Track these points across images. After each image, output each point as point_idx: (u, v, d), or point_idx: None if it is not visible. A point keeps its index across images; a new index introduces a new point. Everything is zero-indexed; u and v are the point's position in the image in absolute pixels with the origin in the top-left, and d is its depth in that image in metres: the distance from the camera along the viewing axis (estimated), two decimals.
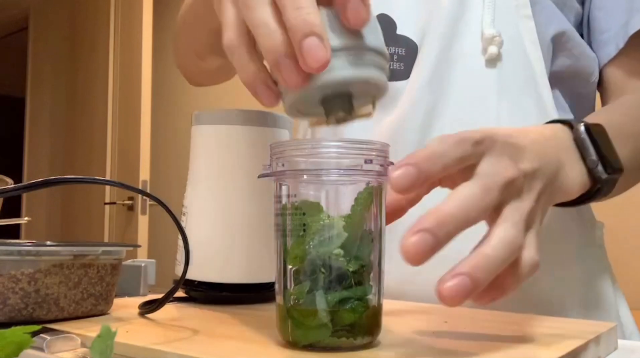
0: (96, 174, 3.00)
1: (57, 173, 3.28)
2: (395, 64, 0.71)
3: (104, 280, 0.53)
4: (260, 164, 0.63)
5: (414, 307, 0.60)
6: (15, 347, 0.33)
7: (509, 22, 0.66)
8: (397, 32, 0.65)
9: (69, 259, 0.50)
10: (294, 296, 0.40)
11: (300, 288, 0.39)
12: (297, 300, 0.40)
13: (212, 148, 0.62)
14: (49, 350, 0.42)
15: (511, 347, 0.42)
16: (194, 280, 0.61)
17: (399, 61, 0.71)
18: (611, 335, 0.48)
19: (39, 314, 0.49)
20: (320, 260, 0.38)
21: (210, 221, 0.61)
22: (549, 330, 0.48)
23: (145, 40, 2.86)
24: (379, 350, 0.41)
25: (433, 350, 0.41)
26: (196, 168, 0.63)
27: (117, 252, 0.54)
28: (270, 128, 0.62)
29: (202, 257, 0.60)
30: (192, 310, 0.57)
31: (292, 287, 0.40)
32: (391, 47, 0.71)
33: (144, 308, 0.54)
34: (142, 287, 0.66)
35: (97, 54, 3.26)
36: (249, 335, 0.46)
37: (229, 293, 0.60)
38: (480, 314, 0.56)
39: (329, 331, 0.39)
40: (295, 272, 0.40)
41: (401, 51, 0.71)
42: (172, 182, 3.24)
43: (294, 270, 0.40)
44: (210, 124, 0.62)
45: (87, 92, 3.39)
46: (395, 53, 0.71)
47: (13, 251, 0.48)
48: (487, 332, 0.48)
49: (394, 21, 0.71)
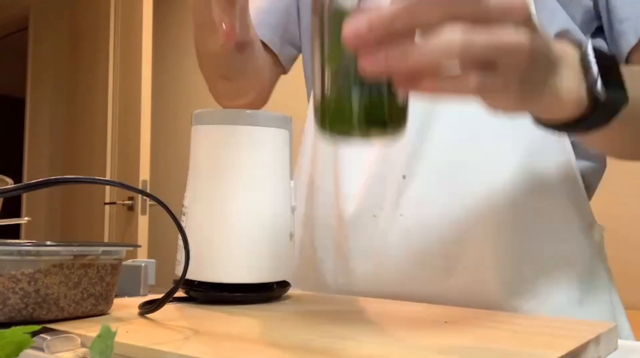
0: (96, 174, 2.99)
1: (57, 173, 3.28)
2: None
3: (104, 280, 0.53)
4: (260, 164, 0.63)
5: (414, 307, 0.60)
6: (15, 347, 0.33)
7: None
8: None
9: (69, 259, 0.50)
10: (332, 90, 0.42)
11: (336, 81, 0.41)
12: (334, 92, 0.41)
13: (212, 148, 0.62)
14: (49, 350, 0.42)
15: (511, 347, 0.42)
16: (194, 280, 0.61)
17: None
18: (611, 335, 0.48)
19: (39, 314, 0.49)
20: (355, 57, 0.39)
21: (210, 221, 0.61)
22: (549, 330, 0.48)
23: (145, 41, 2.86)
24: (379, 350, 0.41)
25: (433, 350, 0.41)
26: (196, 168, 0.63)
27: (117, 252, 0.54)
28: (270, 128, 0.62)
29: (202, 257, 0.60)
30: (192, 310, 0.57)
31: (329, 82, 0.42)
32: None
33: (144, 308, 0.54)
34: (142, 287, 0.66)
35: (97, 54, 3.26)
36: (249, 335, 0.46)
37: (229, 293, 0.60)
38: (480, 314, 0.56)
39: (362, 121, 0.41)
40: (331, 68, 0.42)
41: None
42: (172, 182, 3.24)
43: (332, 67, 0.42)
44: (210, 124, 0.62)
45: (87, 92, 3.39)
46: None
47: (13, 251, 0.48)
48: (487, 332, 0.48)
49: None
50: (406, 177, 0.68)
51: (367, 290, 0.69)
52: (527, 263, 0.64)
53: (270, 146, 0.62)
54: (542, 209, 0.65)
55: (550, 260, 0.65)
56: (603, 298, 0.67)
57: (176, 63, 3.56)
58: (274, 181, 0.62)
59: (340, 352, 0.40)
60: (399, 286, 0.68)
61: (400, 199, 0.68)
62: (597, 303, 0.66)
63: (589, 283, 0.66)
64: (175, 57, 3.56)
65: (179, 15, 3.59)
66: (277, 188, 0.63)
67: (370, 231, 0.70)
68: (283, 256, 0.62)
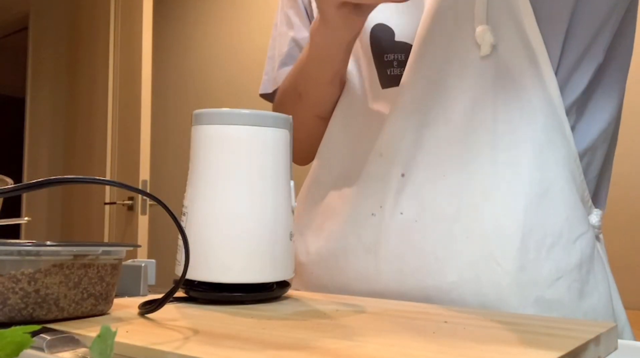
0: (96, 174, 3.00)
1: (57, 173, 3.28)
2: (395, 70, 0.71)
3: (104, 280, 0.53)
4: (260, 164, 0.63)
5: (414, 307, 0.60)
6: (15, 347, 0.33)
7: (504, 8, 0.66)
8: (396, 39, 0.65)
9: (69, 259, 0.50)
10: None
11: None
12: None
13: (212, 148, 0.62)
14: (49, 350, 0.42)
15: (511, 347, 0.42)
16: (194, 280, 0.61)
17: (399, 67, 0.71)
18: (611, 335, 0.48)
19: (39, 314, 0.49)
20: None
21: (210, 221, 0.61)
22: (549, 330, 0.48)
23: (145, 40, 2.86)
24: (379, 350, 0.41)
25: (433, 350, 0.41)
26: (196, 168, 0.63)
27: (117, 252, 0.54)
28: (270, 128, 0.62)
29: (203, 257, 0.60)
30: (192, 310, 0.57)
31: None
32: (390, 55, 0.71)
33: (144, 308, 0.54)
34: (142, 287, 0.66)
35: (97, 54, 3.26)
36: (248, 335, 0.46)
37: (229, 293, 0.60)
38: (480, 314, 0.56)
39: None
40: None
41: (401, 56, 0.71)
42: (172, 182, 3.24)
43: None
44: (210, 124, 0.62)
45: (87, 92, 3.39)
46: (395, 59, 0.71)
47: (13, 251, 0.48)
48: (487, 332, 0.48)
49: (392, 29, 0.72)
50: (405, 175, 0.68)
51: (366, 289, 0.69)
52: (527, 260, 0.64)
53: (270, 146, 0.62)
54: (549, 211, 0.65)
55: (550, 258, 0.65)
56: (601, 287, 0.67)
57: (176, 63, 3.56)
58: (274, 181, 0.62)
59: (340, 352, 0.40)
60: (398, 286, 0.68)
61: (400, 198, 0.68)
62: (597, 293, 0.66)
63: (585, 268, 0.66)
64: (176, 57, 3.56)
65: (179, 15, 3.60)
66: (277, 188, 0.63)
67: (369, 230, 0.69)
68: (283, 256, 0.62)
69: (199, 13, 3.49)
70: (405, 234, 0.67)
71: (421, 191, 0.67)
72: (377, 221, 0.69)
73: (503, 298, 0.63)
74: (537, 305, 0.63)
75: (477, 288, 0.64)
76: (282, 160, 0.63)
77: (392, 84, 0.72)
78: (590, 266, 0.66)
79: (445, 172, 0.66)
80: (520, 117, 0.65)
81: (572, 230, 0.65)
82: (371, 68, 0.73)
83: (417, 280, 0.67)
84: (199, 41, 3.48)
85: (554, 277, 0.64)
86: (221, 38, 3.33)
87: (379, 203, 0.69)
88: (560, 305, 0.64)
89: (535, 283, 0.64)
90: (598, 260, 0.68)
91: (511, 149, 0.65)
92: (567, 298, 0.64)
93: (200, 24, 3.48)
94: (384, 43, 0.71)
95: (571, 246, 0.65)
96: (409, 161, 0.68)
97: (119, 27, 3.11)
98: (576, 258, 0.65)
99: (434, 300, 0.65)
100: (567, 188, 0.66)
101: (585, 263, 0.65)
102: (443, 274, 0.65)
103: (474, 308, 0.63)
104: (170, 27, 3.60)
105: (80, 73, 3.50)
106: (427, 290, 0.66)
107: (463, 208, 0.65)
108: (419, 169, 0.67)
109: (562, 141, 0.66)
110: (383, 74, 0.72)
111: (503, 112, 0.66)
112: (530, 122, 0.65)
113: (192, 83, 3.46)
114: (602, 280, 0.67)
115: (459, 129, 0.66)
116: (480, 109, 0.66)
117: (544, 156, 0.65)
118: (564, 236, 0.65)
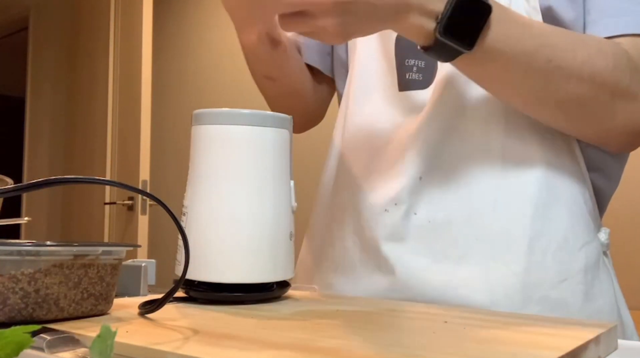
0: (96, 174, 3.00)
1: (57, 173, 3.28)
2: (414, 75, 0.72)
3: (104, 280, 0.53)
4: (260, 164, 0.63)
5: (414, 307, 0.60)
6: (15, 346, 0.33)
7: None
8: (419, 47, 0.66)
9: (69, 259, 0.50)
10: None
11: None
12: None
13: (212, 148, 0.62)
14: (49, 350, 0.42)
15: (511, 347, 0.42)
16: (194, 280, 0.61)
17: (418, 72, 0.73)
18: (611, 335, 0.48)
19: (39, 314, 0.49)
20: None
21: (210, 221, 0.61)
22: (549, 330, 0.48)
23: (145, 40, 2.86)
24: (379, 350, 0.41)
25: (433, 350, 0.41)
26: (196, 168, 0.63)
27: (117, 252, 0.54)
28: (270, 128, 0.62)
29: (202, 257, 0.60)
30: (192, 310, 0.57)
31: None
32: (411, 60, 0.73)
33: (144, 308, 0.54)
34: (142, 287, 0.66)
35: (97, 54, 3.26)
36: (248, 335, 0.46)
37: (229, 293, 0.60)
38: (480, 314, 0.56)
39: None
40: None
41: (421, 63, 0.72)
42: (172, 182, 3.24)
43: None
44: (210, 124, 0.62)
45: (87, 92, 3.39)
46: (415, 65, 0.73)
47: (13, 251, 0.48)
48: (487, 332, 0.48)
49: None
50: (422, 178, 0.69)
51: (375, 283, 0.70)
52: (533, 262, 0.65)
53: (270, 146, 0.62)
54: (554, 218, 0.67)
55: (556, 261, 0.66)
56: (607, 295, 0.68)
57: (176, 63, 3.56)
58: (274, 181, 0.62)
59: (340, 352, 0.40)
60: (398, 286, 0.68)
61: (415, 199, 0.69)
62: (601, 299, 0.67)
63: (591, 278, 0.67)
64: (175, 57, 3.56)
65: (179, 15, 3.60)
66: (277, 188, 0.63)
67: (381, 226, 0.70)
68: (283, 256, 0.62)
69: (199, 13, 3.49)
70: (417, 232, 0.68)
71: (436, 196, 0.69)
72: (389, 217, 0.69)
73: (509, 295, 0.64)
74: (542, 304, 0.65)
75: (486, 286, 0.65)
76: (282, 160, 0.63)
77: (408, 87, 0.73)
78: (596, 273, 0.68)
79: (459, 182, 0.69)
80: (530, 134, 0.67)
81: (577, 238, 0.68)
82: (392, 71, 0.74)
83: (426, 275, 0.67)
84: (198, 41, 3.48)
85: (559, 279, 0.66)
86: (221, 38, 3.34)
87: (393, 201, 0.69)
88: (565, 305, 0.65)
89: (540, 284, 0.65)
90: (604, 270, 0.70)
91: (521, 165, 0.68)
92: (571, 300, 0.65)
93: (200, 24, 3.48)
94: (407, 49, 0.73)
95: (576, 252, 0.67)
96: (428, 166, 0.69)
97: (119, 27, 3.11)
98: (581, 264, 0.67)
99: (442, 295, 0.66)
100: (574, 200, 0.68)
101: (590, 270, 0.67)
102: (453, 270, 0.66)
103: (481, 304, 0.64)
104: (170, 28, 3.60)
105: (80, 73, 3.50)
106: (427, 291, 0.67)
107: (474, 214, 0.68)
108: (436, 176, 0.69)
109: (572, 159, 0.69)
110: (402, 77, 0.74)
111: (514, 129, 0.68)
112: (541, 140, 0.68)
113: (192, 83, 3.46)
114: (608, 289, 0.69)
115: (475, 146, 0.69)
116: (495, 125, 0.68)
117: (552, 173, 0.68)
118: (569, 242, 0.67)
